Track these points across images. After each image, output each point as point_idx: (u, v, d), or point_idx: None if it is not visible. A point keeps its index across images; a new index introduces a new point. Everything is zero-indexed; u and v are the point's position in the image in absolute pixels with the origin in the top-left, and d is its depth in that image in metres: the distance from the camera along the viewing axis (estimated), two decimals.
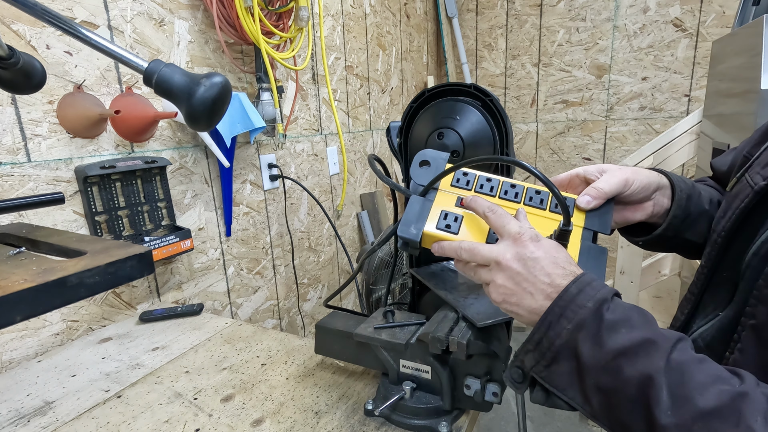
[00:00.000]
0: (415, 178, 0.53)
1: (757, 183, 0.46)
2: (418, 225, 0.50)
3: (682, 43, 2.15)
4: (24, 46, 0.79)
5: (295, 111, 1.51)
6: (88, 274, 0.38)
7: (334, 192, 1.79)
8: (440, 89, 0.66)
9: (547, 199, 0.52)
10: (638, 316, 0.39)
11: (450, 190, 0.53)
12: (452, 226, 0.50)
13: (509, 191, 0.53)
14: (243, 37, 1.13)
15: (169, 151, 1.08)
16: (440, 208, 0.51)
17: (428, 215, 0.50)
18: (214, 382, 0.71)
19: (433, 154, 0.55)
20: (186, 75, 0.45)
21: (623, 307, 0.39)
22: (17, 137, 0.80)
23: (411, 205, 0.52)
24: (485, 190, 0.53)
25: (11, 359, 0.80)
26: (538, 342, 0.41)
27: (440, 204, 0.52)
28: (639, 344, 0.36)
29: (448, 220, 0.50)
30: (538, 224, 0.49)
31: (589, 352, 0.38)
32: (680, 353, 0.36)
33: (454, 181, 0.54)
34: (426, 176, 0.53)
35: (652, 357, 0.36)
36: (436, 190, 0.53)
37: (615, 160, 2.39)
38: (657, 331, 0.37)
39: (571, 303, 0.39)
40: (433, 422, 0.58)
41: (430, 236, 0.50)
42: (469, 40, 2.66)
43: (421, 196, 0.52)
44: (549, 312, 0.40)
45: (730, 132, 1.29)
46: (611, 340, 0.37)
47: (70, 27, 0.42)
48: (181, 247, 1.04)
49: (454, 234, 0.49)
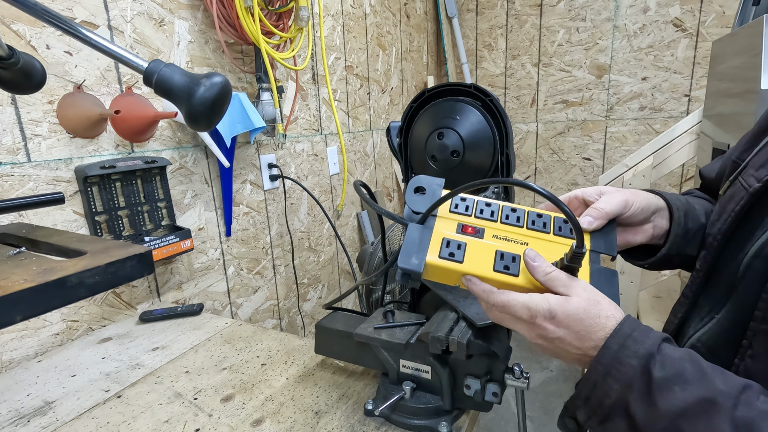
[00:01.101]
0: (410, 204, 0.51)
1: (752, 185, 0.46)
2: (419, 255, 0.47)
3: (682, 43, 2.15)
4: (24, 46, 0.79)
5: (295, 111, 1.51)
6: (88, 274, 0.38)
7: (334, 192, 1.79)
8: (440, 89, 0.66)
9: (549, 222, 0.50)
10: (692, 368, 0.35)
11: (449, 216, 0.51)
12: (456, 254, 0.47)
13: (510, 216, 0.50)
14: (243, 37, 1.13)
15: (169, 151, 1.08)
16: (441, 236, 0.48)
17: (429, 244, 0.48)
18: (214, 382, 0.71)
19: (427, 180, 0.53)
20: (186, 75, 0.45)
21: (673, 360, 0.36)
22: (17, 137, 0.80)
23: (410, 234, 0.49)
24: (485, 215, 0.50)
25: (11, 359, 0.80)
26: (587, 398, 0.39)
27: (440, 231, 0.49)
28: (697, 404, 0.33)
29: (451, 248, 0.47)
30: (544, 249, 0.47)
31: (642, 414, 0.35)
32: (745, 409, 0.33)
33: (452, 206, 0.51)
34: (422, 203, 0.50)
35: (714, 419, 0.33)
36: (435, 216, 0.50)
37: (615, 160, 2.39)
38: (715, 386, 0.34)
39: (615, 361, 0.37)
40: (433, 422, 0.58)
41: (434, 266, 0.47)
42: (469, 40, 2.66)
43: (419, 224, 0.50)
44: (592, 371, 0.39)
45: (730, 132, 1.29)
46: (665, 400, 0.34)
47: (70, 27, 0.42)
48: (181, 247, 1.04)
49: (459, 263, 0.47)
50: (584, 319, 0.40)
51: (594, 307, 0.41)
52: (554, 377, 2.13)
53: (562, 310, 0.41)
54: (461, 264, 0.46)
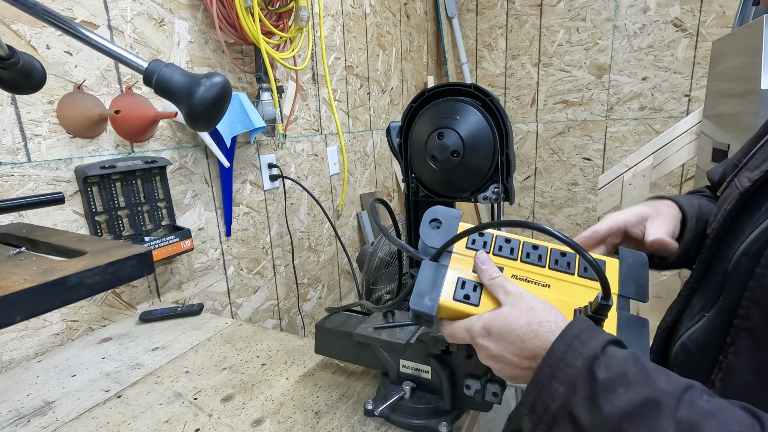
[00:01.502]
0: (424, 238, 0.48)
1: (744, 185, 0.47)
2: (432, 296, 0.44)
3: (682, 43, 2.15)
4: (24, 46, 0.79)
5: (295, 111, 1.51)
6: (88, 274, 0.38)
7: (334, 192, 1.79)
8: (440, 89, 0.66)
9: (574, 261, 0.46)
10: (635, 369, 0.34)
11: (465, 254, 0.47)
12: (471, 296, 0.43)
13: (531, 254, 0.47)
14: (243, 37, 1.13)
15: (169, 151, 1.08)
16: (456, 275, 0.45)
17: (443, 284, 0.44)
18: (214, 382, 0.71)
19: (444, 212, 0.49)
20: (186, 75, 0.45)
21: (617, 360, 0.35)
22: (17, 137, 0.80)
23: (423, 272, 0.45)
24: (504, 252, 0.47)
25: (11, 359, 0.80)
26: (533, 405, 0.38)
27: (456, 270, 0.45)
28: (640, 405, 0.33)
29: (466, 290, 0.44)
30: (568, 292, 0.44)
31: (587, 417, 0.34)
32: (688, 409, 0.32)
33: (469, 242, 0.48)
34: (437, 237, 0.47)
35: (657, 421, 0.32)
36: (450, 253, 0.47)
37: (615, 160, 2.39)
38: (658, 386, 0.33)
39: (560, 362, 0.36)
40: (433, 422, 0.58)
41: (448, 308, 0.44)
42: (469, 40, 2.66)
43: (432, 260, 0.46)
44: (539, 374, 0.37)
45: (730, 132, 1.29)
46: (608, 402, 0.34)
47: (70, 27, 0.42)
48: (181, 247, 1.04)
49: (475, 306, 0.43)
50: (515, 329, 0.39)
51: (525, 314, 0.40)
52: None
53: (495, 325, 0.40)
54: (476, 307, 0.43)
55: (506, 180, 0.65)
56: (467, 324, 0.43)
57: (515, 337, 0.39)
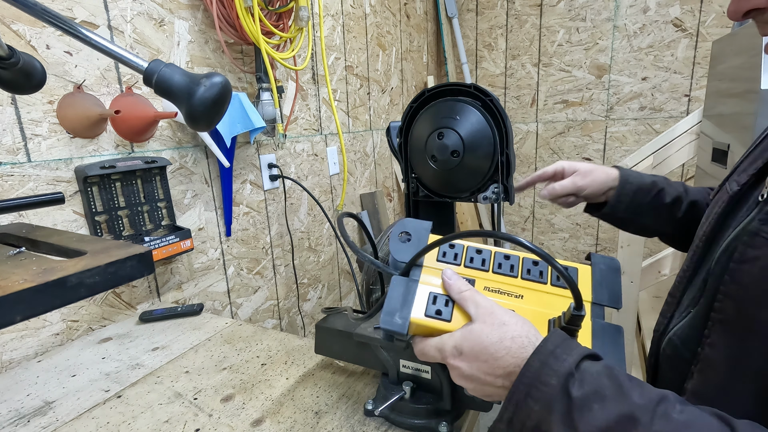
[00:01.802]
0: (394, 253, 0.46)
1: (732, 189, 0.49)
2: (403, 313, 0.42)
3: (682, 43, 2.15)
4: (24, 46, 0.79)
5: (295, 111, 1.51)
6: (88, 274, 0.38)
7: (334, 192, 1.79)
8: (440, 89, 0.66)
9: (546, 270, 0.45)
10: (609, 383, 0.34)
11: (437, 267, 0.45)
12: (443, 311, 0.42)
13: (503, 264, 0.45)
14: (243, 37, 1.13)
15: (169, 151, 1.08)
16: (428, 290, 0.43)
17: (414, 299, 0.43)
18: (214, 382, 0.71)
19: (414, 225, 0.48)
20: (186, 75, 0.45)
21: (592, 376, 0.35)
22: (17, 137, 0.80)
23: (393, 288, 0.44)
24: (476, 264, 0.45)
25: (11, 359, 0.80)
26: (510, 421, 0.37)
27: (427, 284, 0.44)
28: (616, 422, 0.33)
29: (438, 305, 0.42)
30: (541, 302, 0.43)
31: None
32: (663, 423, 0.32)
33: (440, 255, 0.46)
34: (408, 251, 0.45)
35: None
36: (421, 267, 0.45)
37: (615, 160, 2.39)
38: (632, 400, 0.34)
39: (535, 380, 0.36)
40: (433, 422, 0.58)
41: (420, 325, 0.42)
42: (469, 40, 2.66)
43: (403, 275, 0.45)
44: (514, 391, 0.37)
45: (730, 132, 1.29)
46: (584, 421, 0.33)
47: (70, 27, 0.42)
48: (181, 247, 1.04)
49: (447, 321, 0.42)
50: (487, 346, 0.38)
51: (497, 330, 0.38)
52: None
53: (466, 343, 0.39)
54: (449, 323, 0.42)
55: (506, 180, 0.65)
56: (438, 343, 0.41)
57: (488, 356, 0.38)
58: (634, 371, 1.70)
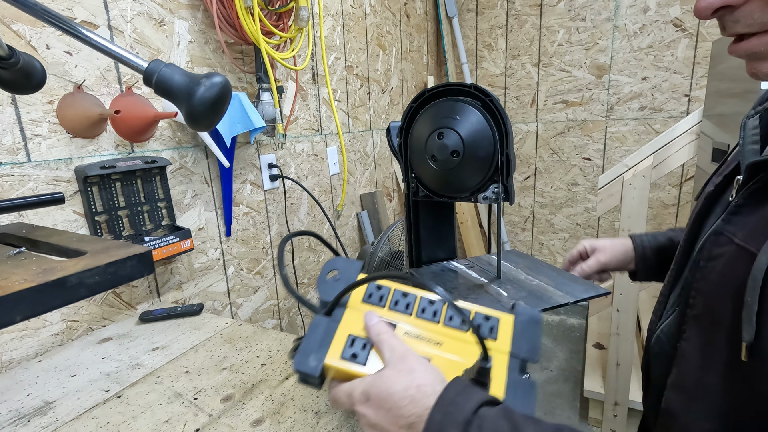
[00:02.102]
0: (321, 292, 0.44)
1: (708, 190, 0.52)
2: (319, 354, 0.40)
3: (682, 43, 2.15)
4: (24, 46, 0.79)
5: (295, 111, 1.51)
6: (88, 274, 0.38)
7: (334, 192, 1.79)
8: (440, 89, 0.66)
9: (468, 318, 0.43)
10: (507, 424, 0.35)
11: (360, 308, 0.44)
12: (359, 355, 0.40)
13: (427, 309, 0.44)
14: (243, 37, 1.13)
15: (169, 151, 1.08)
16: (347, 332, 0.42)
17: (332, 341, 0.42)
18: (214, 382, 0.71)
19: (343, 264, 0.46)
20: (186, 75, 0.45)
21: (488, 421, 0.35)
22: (17, 137, 0.80)
23: (313, 328, 0.42)
24: (400, 307, 0.44)
25: (11, 359, 0.80)
26: None
27: (348, 326, 0.43)
28: None
29: (355, 348, 0.41)
30: (460, 350, 0.42)
31: None
32: None
33: (365, 296, 0.45)
34: (334, 290, 0.43)
35: None
36: (344, 307, 0.44)
37: (615, 160, 2.39)
38: None
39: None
40: None
41: (333, 368, 0.40)
42: (469, 40, 2.66)
43: (326, 315, 0.43)
44: None
45: (730, 132, 1.29)
46: None
47: (70, 27, 0.42)
48: (181, 247, 1.04)
49: (362, 365, 0.40)
50: (393, 393, 0.37)
51: (405, 377, 0.37)
52: (554, 377, 2.13)
53: (374, 389, 0.38)
54: (364, 367, 0.40)
55: (506, 180, 0.65)
56: (349, 388, 0.40)
57: (392, 404, 0.37)
58: (634, 371, 1.71)
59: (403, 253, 1.31)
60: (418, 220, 0.79)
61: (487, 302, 0.58)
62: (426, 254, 0.81)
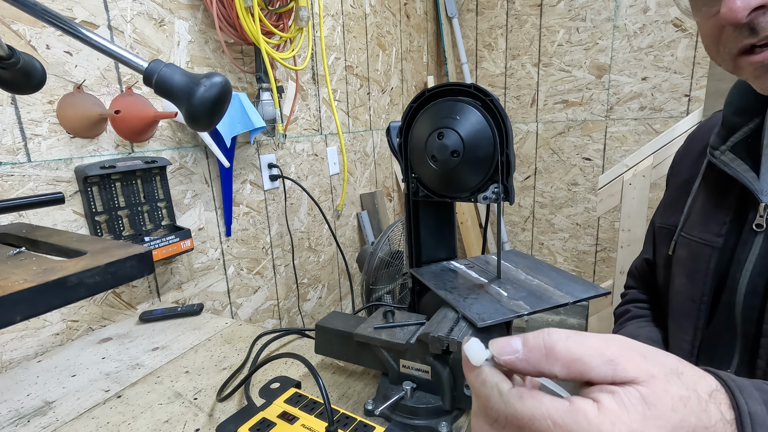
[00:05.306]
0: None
1: (713, 241, 0.55)
2: None
3: (682, 43, 2.15)
4: (24, 46, 0.79)
5: (295, 111, 1.51)
6: (88, 274, 0.38)
7: (334, 192, 1.79)
8: (440, 89, 0.66)
9: None
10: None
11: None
12: None
13: None
14: (243, 37, 1.13)
15: (169, 151, 1.08)
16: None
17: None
18: (214, 382, 0.71)
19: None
20: (186, 75, 0.45)
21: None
22: (17, 137, 0.80)
23: None
24: None
25: (11, 359, 0.80)
26: None
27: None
28: None
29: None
30: None
31: None
32: None
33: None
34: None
35: None
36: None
37: (615, 160, 2.39)
38: None
39: None
40: (433, 422, 0.58)
41: None
42: (469, 40, 2.66)
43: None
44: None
45: None
46: None
47: (70, 27, 0.42)
48: (181, 247, 1.04)
49: None
50: None
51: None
52: None
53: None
54: None
55: (506, 180, 0.65)
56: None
57: None
58: None
59: (403, 252, 1.31)
60: (418, 220, 0.79)
61: (487, 302, 0.58)
62: (426, 254, 0.81)
